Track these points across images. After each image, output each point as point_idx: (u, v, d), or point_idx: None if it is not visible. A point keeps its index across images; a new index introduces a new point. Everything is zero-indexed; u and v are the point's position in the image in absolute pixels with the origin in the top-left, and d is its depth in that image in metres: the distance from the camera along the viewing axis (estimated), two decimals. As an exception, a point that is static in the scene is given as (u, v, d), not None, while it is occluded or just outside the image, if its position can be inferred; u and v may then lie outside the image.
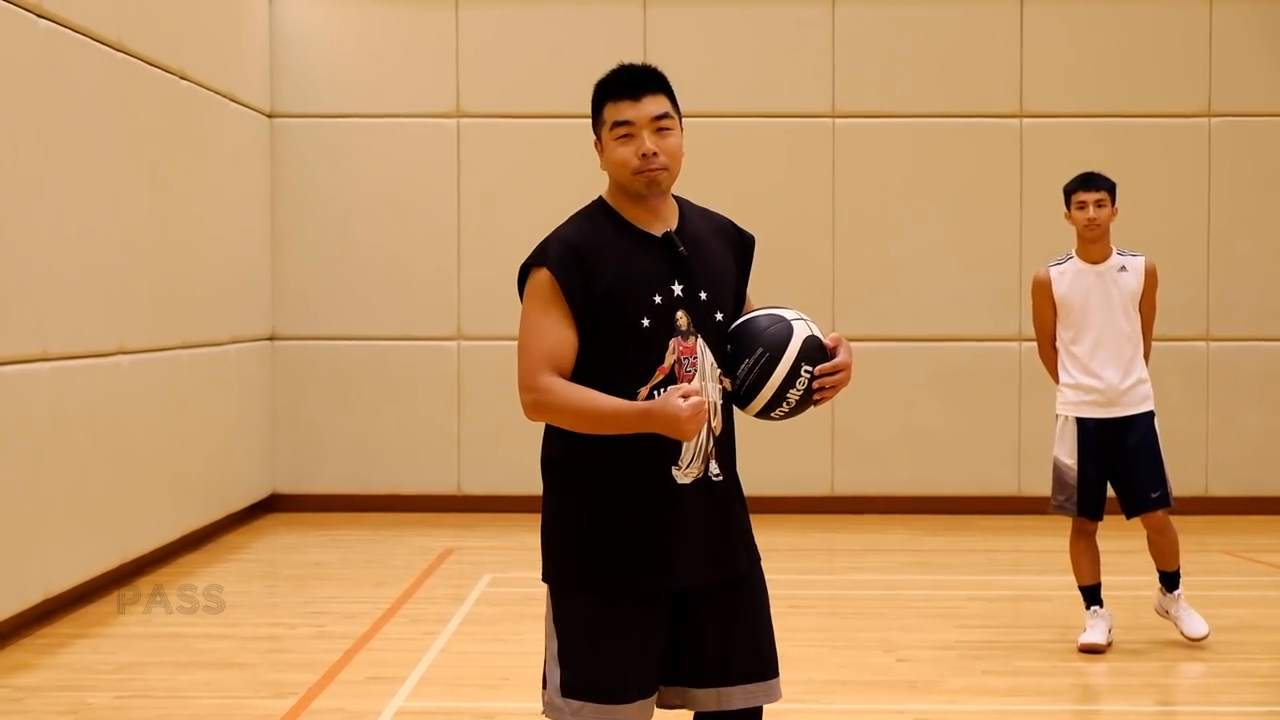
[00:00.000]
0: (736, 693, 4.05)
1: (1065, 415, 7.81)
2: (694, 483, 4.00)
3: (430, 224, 12.60)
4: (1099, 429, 7.72)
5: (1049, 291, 7.83)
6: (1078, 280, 7.79)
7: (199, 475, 10.75)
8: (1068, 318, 7.79)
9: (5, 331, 7.82)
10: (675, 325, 3.99)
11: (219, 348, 11.25)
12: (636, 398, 3.93)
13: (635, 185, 4.00)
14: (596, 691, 3.97)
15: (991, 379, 12.47)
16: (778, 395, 4.00)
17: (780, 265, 12.42)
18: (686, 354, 3.99)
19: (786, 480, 12.48)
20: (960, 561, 10.49)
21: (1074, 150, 12.28)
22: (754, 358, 4.00)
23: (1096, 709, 6.78)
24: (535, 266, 4.03)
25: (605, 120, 4.00)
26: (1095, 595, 7.80)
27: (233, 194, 11.67)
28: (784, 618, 8.51)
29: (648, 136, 3.97)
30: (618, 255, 3.99)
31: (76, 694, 6.96)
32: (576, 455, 4.02)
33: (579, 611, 4.02)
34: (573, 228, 4.06)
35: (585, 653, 4.00)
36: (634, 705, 4.01)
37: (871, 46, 12.51)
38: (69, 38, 8.62)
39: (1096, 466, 7.72)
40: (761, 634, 4.12)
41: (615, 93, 4.00)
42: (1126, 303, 7.77)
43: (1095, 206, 7.76)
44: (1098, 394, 7.71)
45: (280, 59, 12.61)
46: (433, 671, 7.37)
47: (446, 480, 12.60)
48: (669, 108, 4.01)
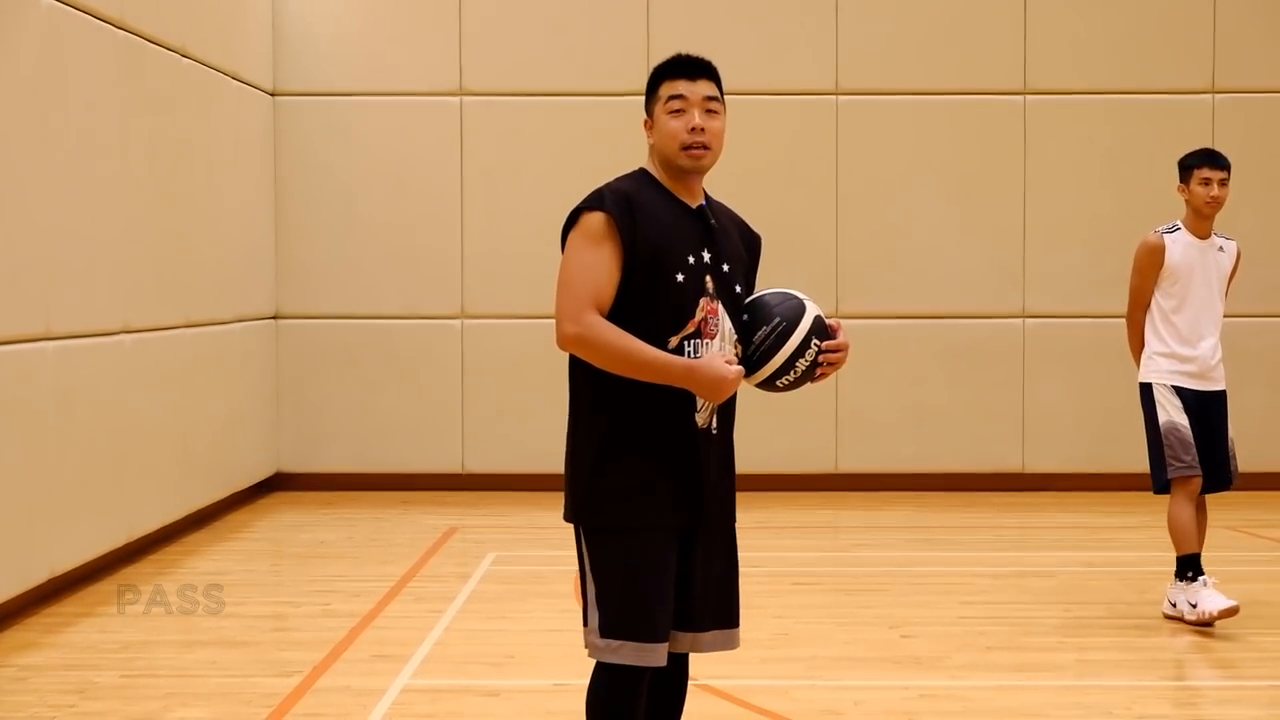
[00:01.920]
0: (706, 638, 4.44)
1: (1163, 383, 7.79)
2: (703, 430, 4.35)
3: (434, 202, 12.58)
4: (1195, 399, 7.77)
5: (1161, 257, 7.80)
6: (1187, 252, 7.81)
7: (203, 454, 10.75)
8: (1173, 287, 7.80)
9: (9, 311, 7.82)
10: (705, 286, 4.34)
11: (223, 326, 11.25)
12: (666, 346, 4.26)
13: (680, 159, 4.37)
14: (633, 630, 4.27)
15: (996, 356, 12.46)
16: (788, 363, 4.36)
17: (784, 243, 12.40)
18: (712, 314, 4.35)
19: (791, 457, 12.48)
20: (965, 538, 10.49)
21: (1078, 127, 12.29)
22: (771, 325, 4.36)
23: (1101, 684, 6.76)
24: (589, 209, 4.32)
25: (661, 96, 4.40)
26: (1198, 564, 7.67)
27: (236, 173, 11.65)
28: (789, 595, 8.57)
29: (698, 113, 4.35)
30: (662, 213, 4.34)
31: (82, 673, 6.96)
32: (608, 400, 4.31)
33: (615, 552, 4.31)
34: (624, 182, 4.40)
35: (622, 593, 4.29)
36: (663, 644, 4.32)
37: (875, 23, 12.47)
38: (70, 15, 8.59)
39: (1196, 431, 7.74)
40: (734, 584, 4.51)
41: (674, 72, 4.41)
42: (1221, 281, 7.88)
43: (1219, 185, 7.76)
44: (1193, 365, 7.78)
45: (283, 37, 12.58)
46: (438, 649, 7.38)
47: (451, 459, 12.60)
48: (718, 94, 4.43)
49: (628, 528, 4.30)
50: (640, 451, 4.30)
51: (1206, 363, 7.78)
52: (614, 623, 4.29)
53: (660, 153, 4.40)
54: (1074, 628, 7.75)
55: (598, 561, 4.34)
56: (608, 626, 4.29)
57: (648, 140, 4.44)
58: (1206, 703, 6.59)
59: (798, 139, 12.50)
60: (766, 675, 6.87)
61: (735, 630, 4.52)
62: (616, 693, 4.32)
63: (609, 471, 4.31)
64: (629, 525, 4.30)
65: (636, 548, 4.29)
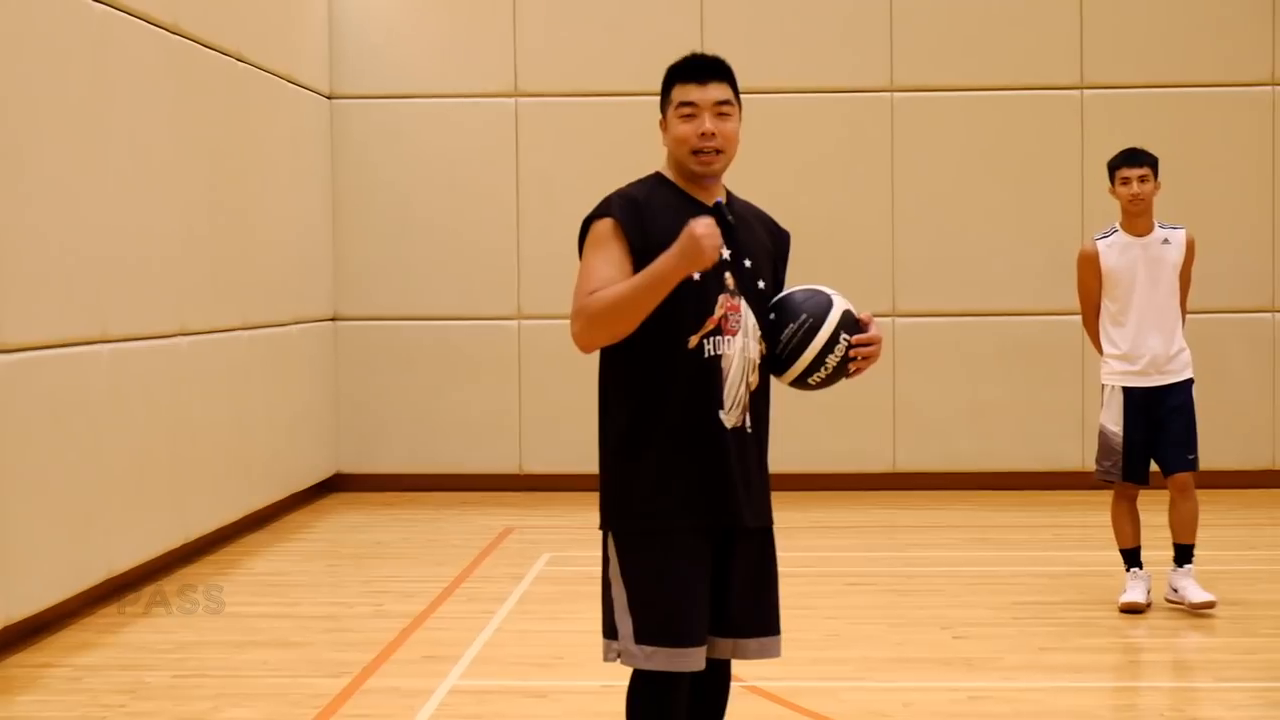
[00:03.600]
0: (750, 645, 4.40)
1: (1112, 385, 8.04)
2: (733, 429, 4.29)
3: (490, 203, 12.61)
4: (1145, 397, 7.96)
5: (1096, 264, 8.04)
6: (1124, 253, 8.00)
7: (261, 456, 10.82)
8: (1114, 290, 8.01)
9: (65, 314, 7.89)
10: (724, 283, 4.30)
11: (281, 328, 11.32)
12: (686, 344, 4.23)
13: (692, 164, 4.35)
14: (668, 635, 4.22)
15: (1054, 352, 12.36)
16: (817, 360, 4.33)
17: (839, 241, 12.38)
18: (732, 311, 4.30)
19: (849, 456, 12.44)
20: (1023, 537, 10.42)
21: (1135, 121, 12.16)
22: (798, 323, 4.33)
23: (1153, 685, 6.71)
24: (598, 218, 4.33)
25: (673, 100, 4.38)
26: (1135, 558, 8.09)
27: (293, 176, 11.73)
28: (842, 595, 8.54)
29: (708, 118, 4.32)
30: (674, 214, 4.27)
31: (135, 673, 7.02)
32: (630, 400, 4.28)
33: (645, 556, 4.27)
34: (633, 188, 4.39)
35: (654, 597, 4.24)
36: (698, 649, 4.27)
37: (929, 19, 12.41)
38: (124, 20, 8.66)
39: (1142, 433, 7.96)
40: (774, 591, 4.48)
41: (684, 76, 4.38)
42: (1170, 274, 8.00)
43: (1139, 182, 7.95)
44: (1143, 364, 7.94)
45: (340, 40, 12.65)
46: (487, 650, 7.39)
47: (508, 459, 12.63)
48: (730, 96, 4.38)
49: (657, 530, 4.26)
50: (664, 451, 4.25)
51: (1159, 359, 7.91)
52: (647, 628, 4.24)
53: (673, 155, 4.39)
54: (1128, 628, 7.69)
55: (628, 565, 4.30)
56: (641, 632, 4.24)
57: (663, 141, 4.42)
58: (1258, 705, 6.51)
59: (852, 136, 12.45)
60: (815, 676, 6.85)
61: (777, 638, 4.46)
62: (654, 699, 4.29)
63: (634, 473, 4.28)
64: (658, 527, 4.25)
65: (667, 550, 4.25)
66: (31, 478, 7.48)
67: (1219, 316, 12.03)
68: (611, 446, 4.35)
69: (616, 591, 4.32)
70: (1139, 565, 8.05)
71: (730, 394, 4.28)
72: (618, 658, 4.31)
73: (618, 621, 4.29)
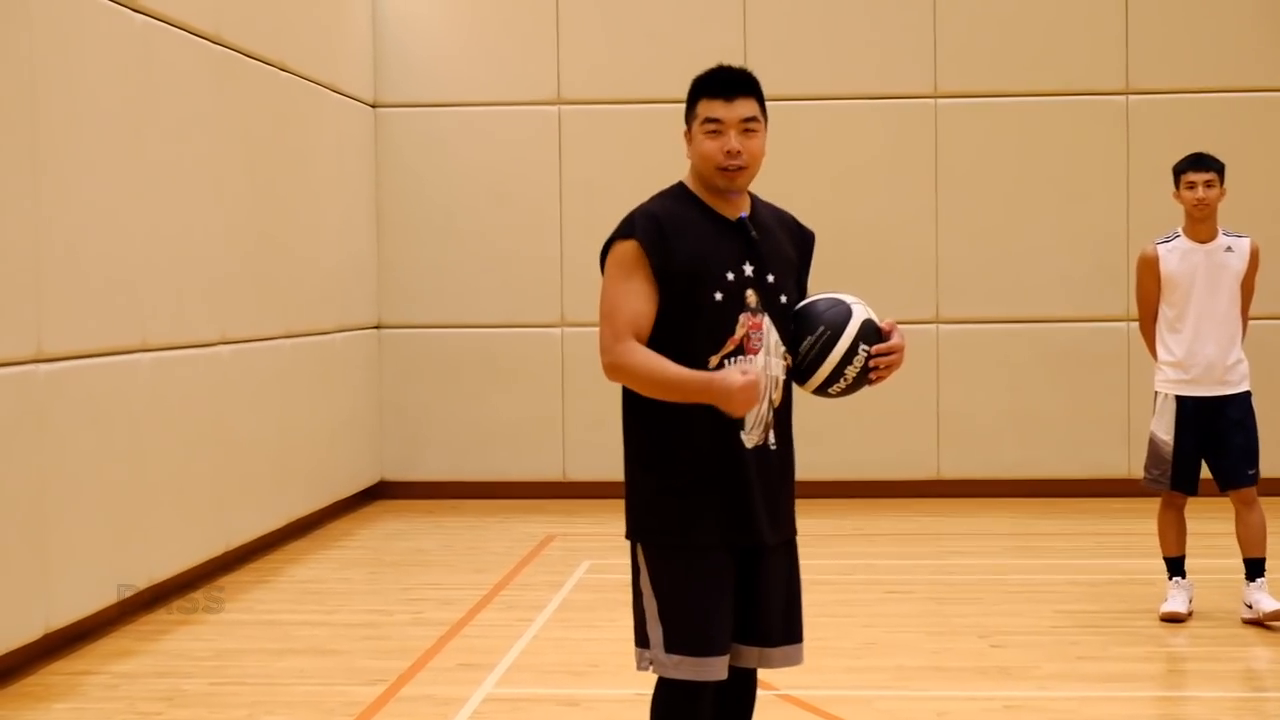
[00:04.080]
0: (776, 654, 4.43)
1: (1165, 393, 7.92)
2: (754, 448, 4.29)
3: (533, 211, 12.63)
4: (1198, 407, 7.83)
5: (1156, 268, 7.91)
6: (1186, 259, 7.86)
7: (304, 463, 10.87)
8: (1173, 295, 7.86)
9: (106, 323, 7.94)
10: (745, 302, 4.29)
11: (324, 337, 11.37)
12: (708, 366, 4.23)
13: (717, 180, 4.33)
14: (693, 645, 4.26)
15: (1100, 359, 12.29)
16: (836, 371, 4.32)
17: (884, 248, 12.35)
18: (755, 329, 4.29)
19: (893, 464, 12.40)
20: (1066, 545, 10.34)
21: (1181, 126, 12.08)
22: (815, 335, 4.32)
23: (1190, 695, 6.65)
24: (621, 239, 4.32)
25: (698, 115, 4.34)
26: (1179, 567, 8.00)
27: (337, 184, 11.78)
28: (880, 603, 8.51)
29: (734, 136, 4.29)
30: (696, 233, 4.29)
31: (172, 681, 7.06)
32: (652, 421, 4.32)
33: (672, 569, 4.31)
34: (656, 204, 4.37)
35: (682, 607, 4.28)
36: (723, 658, 4.32)
37: (974, 25, 12.36)
38: (166, 31, 8.73)
39: (1193, 442, 7.84)
40: (797, 600, 4.49)
41: (711, 91, 4.33)
42: (1231, 283, 7.86)
43: (1205, 187, 7.82)
44: (1199, 373, 7.81)
45: (384, 50, 12.70)
46: (523, 658, 7.41)
47: (552, 466, 12.64)
48: (757, 112, 4.34)
49: (684, 545, 4.29)
50: (685, 471, 4.28)
51: (1215, 368, 7.77)
52: (674, 638, 4.28)
53: (696, 170, 4.38)
54: (1168, 636, 7.63)
55: (657, 577, 4.33)
56: (668, 642, 4.29)
57: (687, 153, 4.41)
58: (1299, 714, 6.47)
59: (896, 143, 12.42)
60: (849, 685, 6.83)
61: (800, 646, 4.50)
62: (679, 708, 4.32)
63: (657, 490, 4.32)
64: (685, 542, 4.29)
65: (691, 564, 4.28)
66: (72, 486, 7.54)
67: (1272, 323, 11.87)
68: (635, 462, 4.39)
69: (647, 601, 4.36)
70: (1182, 574, 7.97)
71: (752, 414, 4.27)
72: (650, 666, 4.35)
73: (649, 630, 4.34)
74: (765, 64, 12.08)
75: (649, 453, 4.34)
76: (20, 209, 7.13)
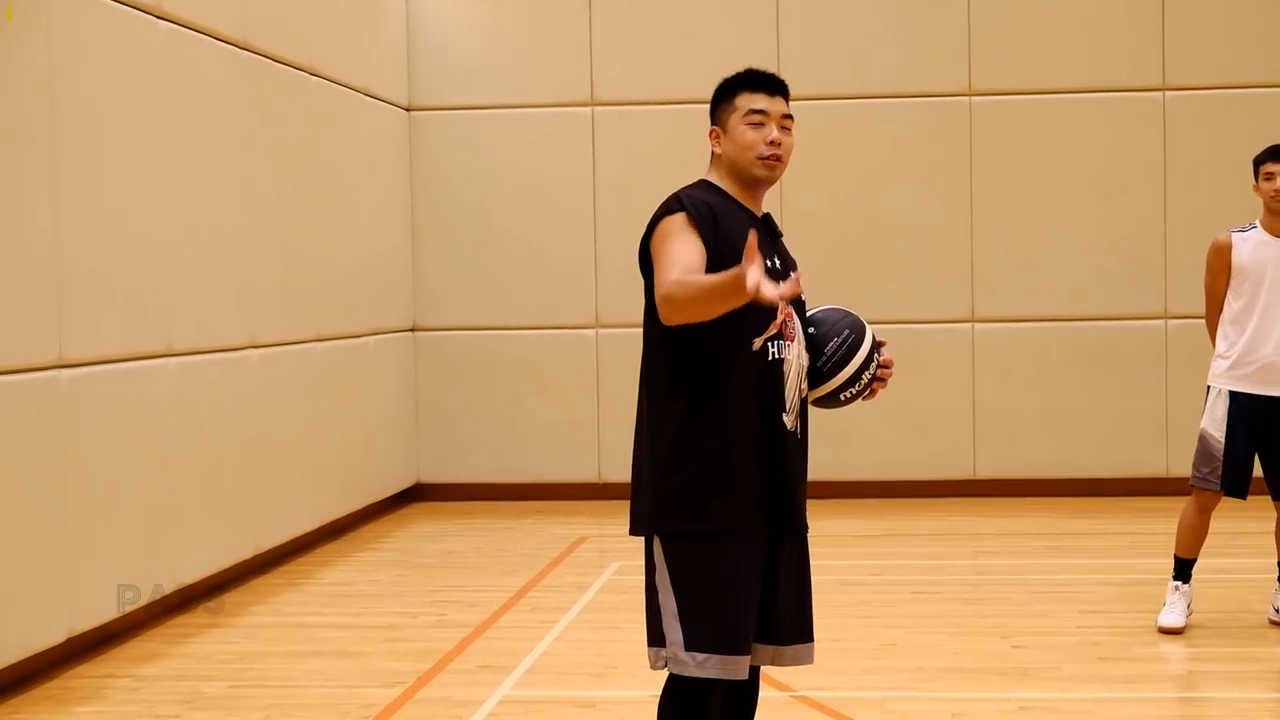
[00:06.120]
0: (788, 652, 4.42)
1: (1219, 388, 7.65)
2: (790, 432, 4.35)
3: (567, 213, 12.65)
4: (1253, 405, 7.56)
5: (1228, 256, 7.63)
6: (1259, 250, 7.59)
7: (338, 466, 10.91)
8: (1241, 286, 7.60)
9: (130, 329, 8.00)
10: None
11: (357, 340, 11.41)
12: (751, 346, 4.26)
13: (756, 170, 4.39)
14: (721, 643, 4.20)
15: (1137, 358, 12.20)
16: (856, 374, 4.43)
17: (918, 247, 12.30)
18: (789, 319, 4.38)
19: (929, 463, 12.35)
20: (1098, 545, 10.27)
21: (1219, 123, 12.00)
22: (841, 338, 4.43)
23: (1209, 696, 6.59)
24: (669, 213, 4.31)
25: (739, 106, 4.40)
26: (1187, 570, 7.76)
27: (371, 188, 11.83)
28: (905, 604, 8.48)
29: (775, 128, 4.38)
30: (734, 219, 4.34)
31: (193, 683, 7.10)
32: (687, 404, 4.26)
33: (699, 559, 4.23)
34: (696, 190, 4.40)
35: (709, 602, 4.21)
36: (748, 656, 4.27)
37: (1007, 23, 12.29)
38: (190, 38, 8.77)
39: (1245, 443, 7.58)
40: (808, 597, 4.49)
41: (755, 85, 4.43)
42: None
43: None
44: (1259, 369, 7.54)
45: (418, 53, 12.74)
46: (543, 660, 7.41)
47: (587, 468, 12.65)
48: (791, 114, 4.47)
49: (715, 530, 4.22)
50: (725, 451, 4.23)
51: (1272, 367, 7.50)
52: (701, 635, 4.20)
53: (732, 162, 4.40)
54: (1192, 637, 7.56)
55: (681, 570, 4.24)
56: (693, 639, 4.21)
57: (713, 149, 4.44)
58: (1320, 716, 6.40)
59: (931, 141, 12.36)
60: (866, 687, 6.80)
61: (811, 645, 4.47)
62: (693, 708, 4.26)
63: (691, 473, 4.24)
64: (716, 528, 4.22)
65: (723, 553, 4.22)
66: (97, 491, 7.59)
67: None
68: (657, 440, 4.29)
69: (664, 598, 4.28)
70: (1186, 580, 7.72)
71: (790, 397, 4.34)
72: (665, 665, 4.28)
73: (665, 628, 4.26)
74: (799, 63, 12.08)
75: (683, 434, 4.24)
76: (41, 216, 7.19)
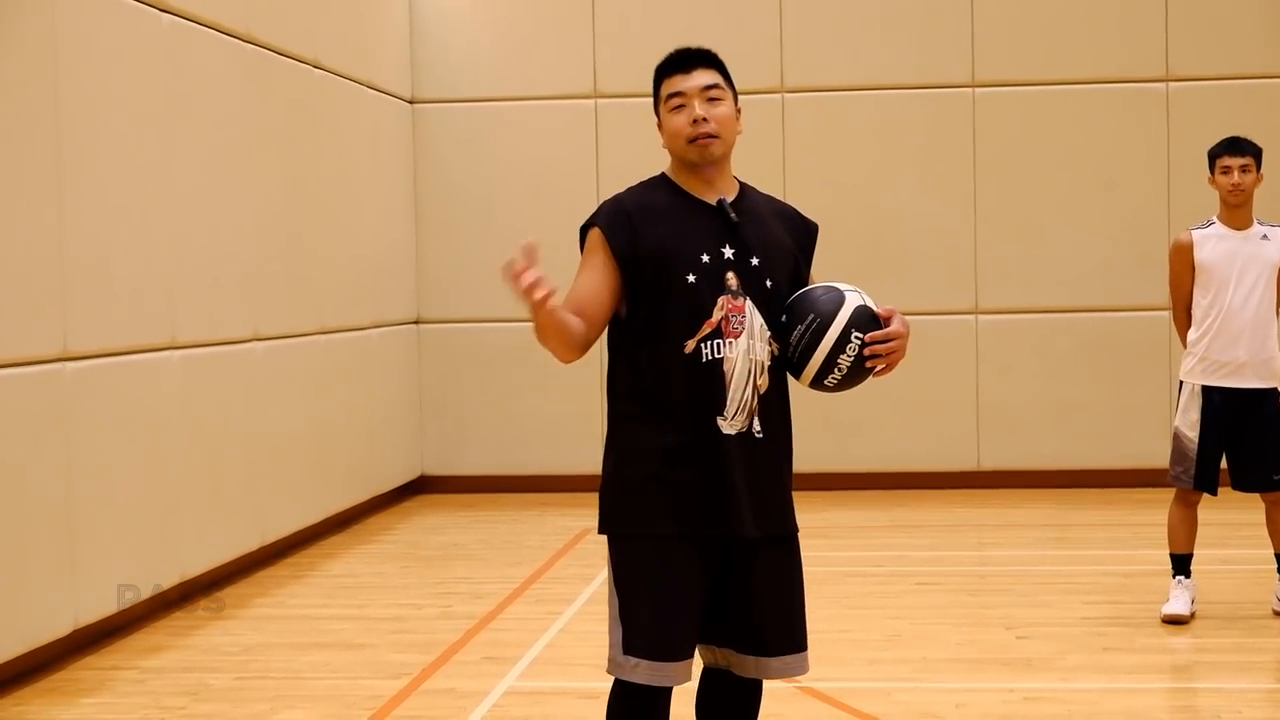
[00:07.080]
0: (774, 663, 4.25)
1: (1192, 384, 7.70)
2: (738, 435, 4.15)
3: (571, 205, 12.60)
4: (1224, 400, 7.61)
5: (1190, 255, 7.69)
6: (1220, 245, 7.64)
7: (342, 459, 10.92)
8: (1207, 283, 7.63)
9: (134, 322, 8.01)
10: (725, 284, 4.19)
11: (361, 333, 11.42)
12: (683, 349, 4.13)
13: (689, 154, 4.26)
14: (650, 649, 4.12)
15: (1140, 349, 12.20)
16: (828, 361, 4.17)
17: (921, 238, 12.30)
18: (735, 312, 4.18)
19: (932, 455, 12.35)
20: (1102, 536, 10.28)
21: (1223, 114, 11.95)
22: (805, 324, 4.18)
23: (1213, 687, 6.59)
24: (588, 228, 4.28)
25: (662, 96, 4.31)
26: (1185, 565, 7.80)
27: (375, 181, 11.83)
28: (909, 595, 8.49)
29: (698, 104, 4.23)
30: (669, 216, 4.23)
31: (198, 675, 7.12)
32: (631, 407, 4.21)
33: (634, 563, 4.17)
34: (626, 193, 4.35)
35: (641, 607, 4.13)
36: (682, 664, 4.15)
37: (1011, 14, 12.28)
38: (194, 31, 8.78)
39: (1217, 439, 7.63)
40: (798, 606, 4.31)
41: (669, 69, 4.31)
42: (1268, 273, 7.62)
43: (1240, 172, 7.62)
44: (1228, 364, 7.59)
45: (421, 46, 12.75)
46: (548, 652, 7.42)
47: (591, 460, 12.59)
48: (719, 80, 4.28)
49: (649, 535, 4.13)
50: (659, 456, 4.12)
51: (1246, 360, 7.53)
52: (633, 639, 4.12)
53: (672, 152, 4.31)
54: (1196, 628, 7.57)
55: (620, 572, 4.20)
56: (627, 642, 4.13)
57: (662, 143, 4.35)
58: (1324, 706, 6.40)
59: (934, 133, 12.36)
60: (870, 677, 6.82)
61: (802, 655, 4.29)
62: (632, 713, 4.18)
63: (627, 476, 4.18)
64: (649, 533, 4.13)
65: (654, 558, 4.12)
66: (101, 483, 7.60)
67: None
68: (607, 455, 4.27)
69: (610, 598, 4.24)
70: (1186, 574, 7.76)
71: (734, 399, 4.14)
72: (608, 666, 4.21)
73: (610, 629, 4.20)
74: (802, 55, 12.07)
75: (624, 438, 4.20)
76: (45, 209, 7.20)
